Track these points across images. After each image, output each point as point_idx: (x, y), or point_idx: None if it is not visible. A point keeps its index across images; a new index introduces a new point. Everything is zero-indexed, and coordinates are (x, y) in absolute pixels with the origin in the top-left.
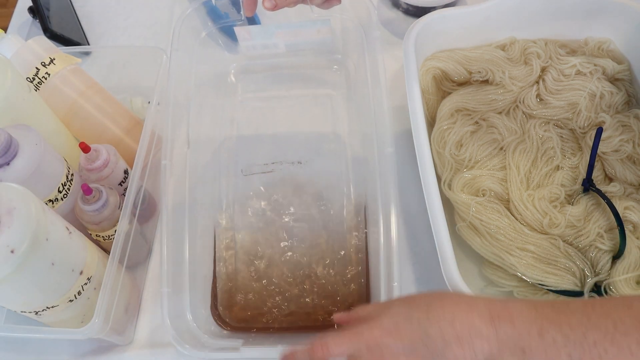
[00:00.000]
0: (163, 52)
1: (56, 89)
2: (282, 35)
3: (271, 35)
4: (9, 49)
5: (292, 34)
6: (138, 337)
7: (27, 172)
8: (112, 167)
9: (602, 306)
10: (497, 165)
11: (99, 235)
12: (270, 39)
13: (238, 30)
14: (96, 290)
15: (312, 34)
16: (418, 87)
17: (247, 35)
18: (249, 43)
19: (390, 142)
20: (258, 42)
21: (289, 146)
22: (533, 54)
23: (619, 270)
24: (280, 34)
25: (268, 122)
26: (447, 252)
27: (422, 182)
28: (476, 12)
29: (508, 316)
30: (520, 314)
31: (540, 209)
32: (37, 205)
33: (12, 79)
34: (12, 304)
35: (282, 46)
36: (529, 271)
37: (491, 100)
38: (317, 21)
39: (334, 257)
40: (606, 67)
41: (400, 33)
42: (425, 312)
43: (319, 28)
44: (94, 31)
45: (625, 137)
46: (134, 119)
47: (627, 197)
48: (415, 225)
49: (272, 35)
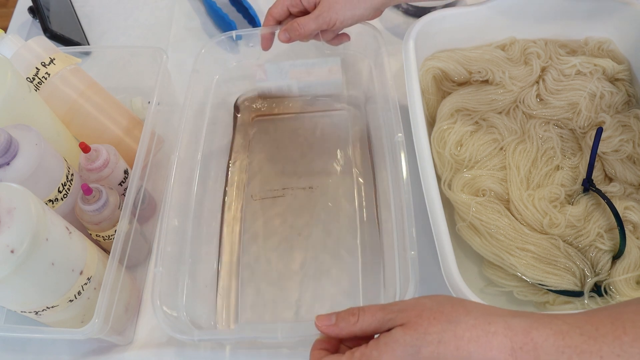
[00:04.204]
0: (163, 52)
1: (56, 89)
2: (296, 74)
3: (285, 74)
4: (9, 49)
5: (305, 73)
6: (138, 337)
7: (27, 172)
8: (112, 167)
9: (634, 325)
10: (497, 165)
11: (99, 235)
12: (284, 80)
13: (254, 70)
14: (96, 290)
15: (324, 73)
16: (418, 87)
17: (263, 75)
18: (264, 85)
19: (400, 129)
20: (273, 83)
21: (301, 170)
22: (533, 54)
23: (619, 270)
24: (294, 73)
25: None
26: (447, 252)
27: (422, 182)
28: (476, 12)
29: (532, 347)
30: (546, 342)
31: (540, 209)
32: (37, 205)
33: (12, 79)
34: (12, 304)
35: (296, 89)
36: (529, 271)
37: (491, 100)
38: (328, 59)
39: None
40: (606, 67)
41: (400, 33)
42: (435, 347)
43: (330, 67)
44: (94, 31)
45: (625, 137)
46: (134, 119)
47: (627, 197)
48: (415, 225)
49: (286, 74)
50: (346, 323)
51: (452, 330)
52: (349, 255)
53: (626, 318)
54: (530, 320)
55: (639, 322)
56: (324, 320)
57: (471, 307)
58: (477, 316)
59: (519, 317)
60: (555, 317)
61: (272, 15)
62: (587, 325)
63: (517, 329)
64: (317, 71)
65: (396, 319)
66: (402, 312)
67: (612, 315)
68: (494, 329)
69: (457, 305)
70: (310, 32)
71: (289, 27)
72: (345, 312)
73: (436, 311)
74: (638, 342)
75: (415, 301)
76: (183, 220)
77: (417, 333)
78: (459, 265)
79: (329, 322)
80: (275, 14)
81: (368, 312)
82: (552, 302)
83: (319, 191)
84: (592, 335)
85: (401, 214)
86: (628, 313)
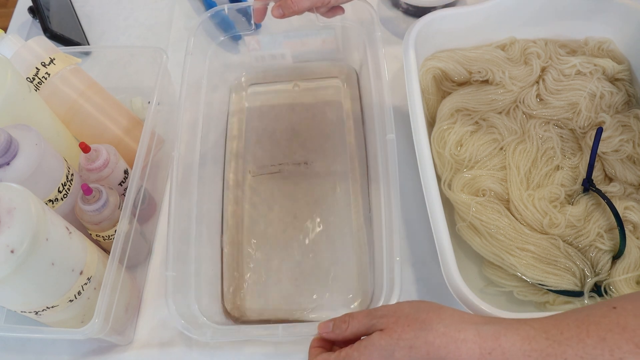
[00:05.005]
0: (163, 52)
1: (56, 89)
2: (289, 46)
3: (279, 45)
4: (9, 49)
5: (299, 44)
6: (138, 337)
7: (27, 172)
8: (112, 167)
9: (598, 327)
10: (497, 165)
11: (99, 235)
12: (278, 49)
13: (248, 39)
14: (96, 290)
15: (318, 43)
16: (418, 87)
17: (256, 45)
18: (257, 53)
19: (391, 129)
20: (266, 52)
21: (295, 147)
22: (533, 54)
23: (619, 270)
24: (288, 44)
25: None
26: (447, 252)
27: (422, 182)
28: (476, 12)
29: (500, 352)
30: (513, 347)
31: (540, 209)
32: (37, 205)
33: (12, 79)
34: (12, 304)
35: (289, 56)
36: (529, 271)
37: (491, 100)
38: (321, 30)
39: (339, 252)
40: (606, 67)
41: (400, 33)
42: (407, 352)
43: (324, 38)
44: (94, 31)
45: (625, 137)
46: (134, 119)
47: (627, 197)
48: (415, 225)
49: (280, 45)
50: (340, 330)
51: (424, 337)
52: (347, 249)
53: (592, 320)
54: (500, 326)
55: (604, 324)
56: (324, 328)
57: (445, 315)
58: (448, 324)
59: (490, 324)
60: (525, 322)
61: None
62: (553, 329)
63: (487, 336)
64: (311, 42)
65: (377, 324)
66: (383, 318)
67: (579, 319)
68: (464, 336)
69: (433, 312)
70: (304, 9)
71: (283, 3)
72: (339, 319)
73: (412, 318)
74: (600, 344)
75: (396, 307)
76: (187, 220)
77: (392, 339)
78: (459, 265)
79: (327, 329)
80: None
81: (356, 319)
82: (552, 302)
83: (313, 167)
84: (556, 339)
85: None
86: (595, 316)
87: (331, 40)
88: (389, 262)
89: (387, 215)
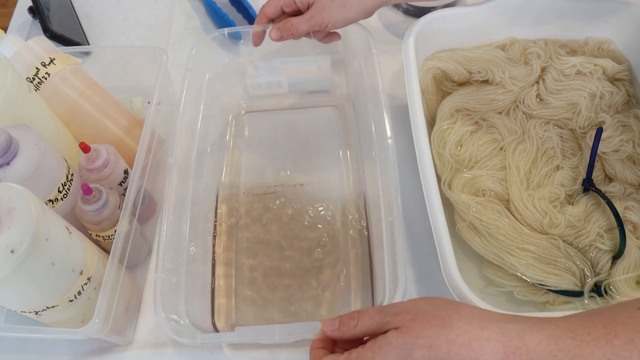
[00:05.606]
0: (163, 52)
1: (56, 89)
2: (286, 72)
3: (276, 71)
4: (9, 49)
5: (296, 70)
6: (138, 337)
7: (27, 172)
8: (112, 167)
9: (626, 328)
10: (497, 165)
11: (99, 235)
12: (275, 76)
13: (246, 66)
14: (96, 290)
15: (314, 70)
16: (418, 87)
17: (253, 72)
18: (254, 81)
19: (389, 134)
20: (264, 79)
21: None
22: (533, 54)
23: (619, 270)
24: (284, 70)
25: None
26: (447, 252)
27: (422, 182)
28: (476, 12)
29: (525, 351)
30: (538, 347)
31: (540, 209)
32: (37, 205)
33: (12, 79)
34: (12, 304)
35: (286, 85)
36: (529, 271)
37: (491, 100)
38: (318, 57)
39: (336, 261)
40: (606, 67)
41: (400, 33)
42: (427, 351)
43: (320, 64)
44: (94, 31)
45: (625, 137)
46: (134, 119)
47: (627, 197)
48: (415, 225)
49: (277, 71)
50: (347, 327)
51: (445, 335)
52: (341, 252)
53: (618, 321)
54: (525, 325)
55: (630, 325)
56: (329, 326)
57: (465, 312)
58: (470, 321)
59: (514, 322)
60: (549, 321)
61: (265, 13)
62: (580, 329)
63: (511, 334)
64: (307, 68)
65: (392, 322)
66: (398, 316)
67: (605, 319)
68: (487, 334)
69: (452, 309)
70: (302, 32)
71: (282, 26)
72: (346, 316)
73: (430, 315)
74: (629, 345)
75: (412, 304)
76: (180, 223)
77: (410, 337)
78: (459, 265)
79: (332, 327)
80: (269, 13)
81: (367, 316)
82: (552, 302)
83: (309, 188)
84: (584, 339)
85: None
86: (621, 316)
87: (327, 66)
88: (390, 262)
89: (387, 216)
